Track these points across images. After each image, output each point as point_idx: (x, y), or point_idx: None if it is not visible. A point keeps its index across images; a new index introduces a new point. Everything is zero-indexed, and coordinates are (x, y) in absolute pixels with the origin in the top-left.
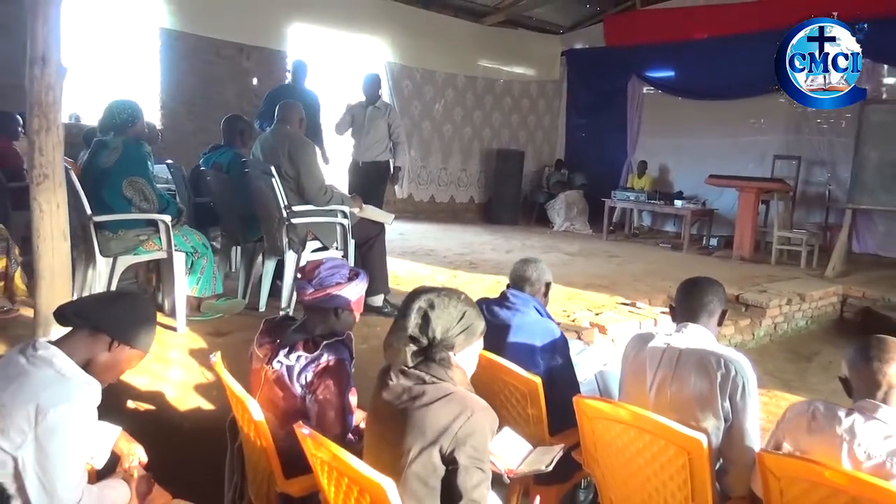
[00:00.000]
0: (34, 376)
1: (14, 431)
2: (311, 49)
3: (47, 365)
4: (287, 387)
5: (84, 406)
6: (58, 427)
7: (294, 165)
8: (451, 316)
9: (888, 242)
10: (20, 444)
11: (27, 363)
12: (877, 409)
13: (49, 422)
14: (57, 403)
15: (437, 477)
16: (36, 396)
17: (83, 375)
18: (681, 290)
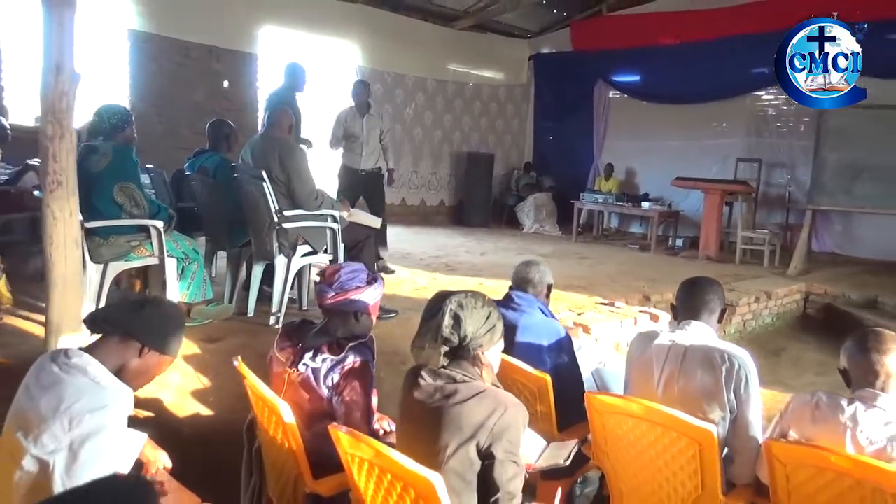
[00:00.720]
0: (69, 384)
1: (47, 438)
2: (282, 52)
3: (81, 373)
4: (313, 389)
5: (118, 414)
6: (91, 434)
7: (285, 170)
8: (479, 316)
9: (845, 241)
10: (52, 450)
11: (61, 371)
12: (876, 398)
13: (83, 429)
14: (92, 411)
15: (473, 471)
16: (71, 403)
17: (117, 383)
18: (682, 290)
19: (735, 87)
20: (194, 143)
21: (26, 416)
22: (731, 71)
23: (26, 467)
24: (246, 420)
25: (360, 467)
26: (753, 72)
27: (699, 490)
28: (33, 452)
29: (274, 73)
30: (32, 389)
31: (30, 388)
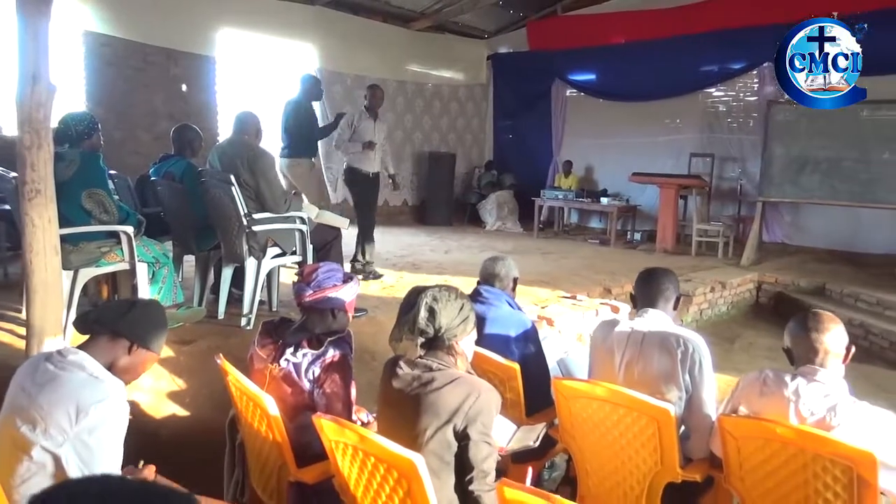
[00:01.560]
0: (68, 379)
1: (55, 430)
2: (240, 55)
3: (79, 368)
4: (295, 382)
5: (120, 404)
6: (98, 424)
7: (254, 175)
8: (453, 308)
9: (794, 232)
10: (61, 442)
11: (56, 368)
12: (816, 373)
13: (91, 419)
14: (96, 402)
15: (451, 452)
16: (74, 397)
17: (112, 377)
18: (639, 280)
19: (687, 85)
20: (153, 148)
21: (27, 411)
22: (682, 69)
23: (36, 458)
24: (227, 418)
25: (343, 453)
26: (703, 69)
27: (659, 465)
28: (43, 444)
29: (232, 77)
30: (29, 387)
31: (25, 386)
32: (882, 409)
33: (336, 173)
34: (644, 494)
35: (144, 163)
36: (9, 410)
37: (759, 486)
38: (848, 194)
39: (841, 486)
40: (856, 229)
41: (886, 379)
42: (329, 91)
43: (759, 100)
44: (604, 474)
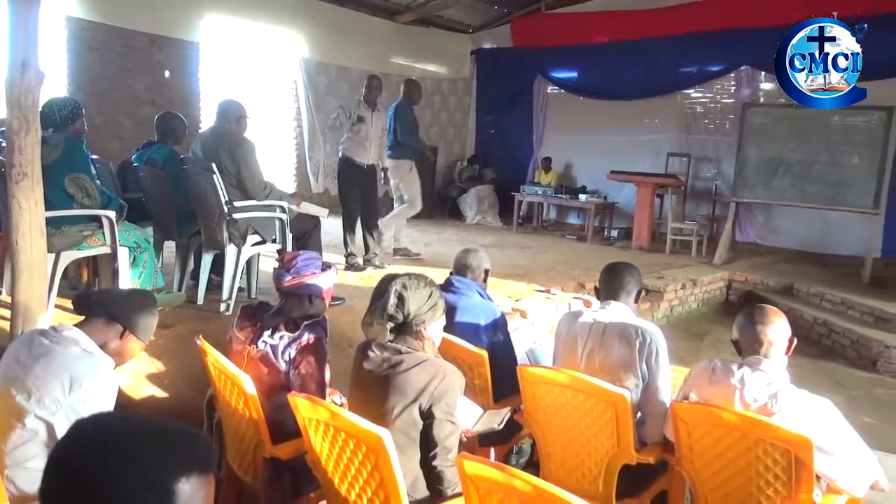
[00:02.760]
0: (62, 353)
1: (49, 399)
2: (225, 41)
3: (73, 343)
4: (272, 363)
5: (111, 378)
6: (91, 396)
7: (235, 163)
8: (422, 295)
9: (766, 232)
10: (55, 411)
11: (51, 342)
12: (760, 363)
13: (84, 391)
14: (89, 374)
15: (416, 430)
16: (68, 369)
17: (104, 354)
18: (603, 273)
19: (666, 85)
20: (135, 133)
21: (23, 381)
22: (662, 69)
23: (29, 425)
24: (205, 398)
25: (316, 429)
26: (682, 71)
27: (615, 448)
28: (37, 413)
29: (216, 64)
30: (24, 359)
31: (21, 358)
32: (818, 397)
33: (317, 164)
34: (601, 476)
35: (126, 148)
36: (3, 381)
37: (708, 468)
38: (818, 197)
39: (780, 468)
40: (825, 231)
41: (846, 376)
42: (313, 81)
43: (735, 102)
44: (564, 456)
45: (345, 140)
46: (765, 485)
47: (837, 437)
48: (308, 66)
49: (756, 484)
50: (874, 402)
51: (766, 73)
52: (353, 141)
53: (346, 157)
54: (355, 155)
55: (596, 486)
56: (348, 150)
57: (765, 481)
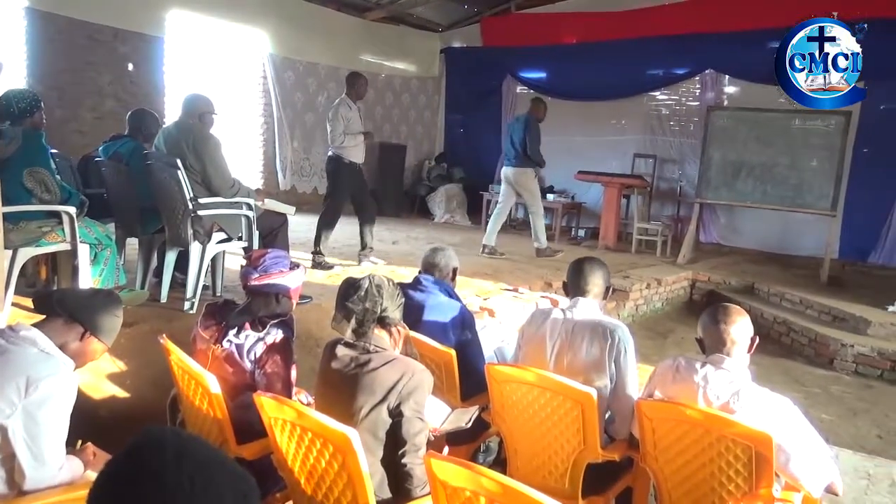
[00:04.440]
0: (19, 353)
1: (3, 402)
2: (190, 36)
3: (30, 344)
4: (237, 363)
5: (69, 380)
6: (47, 398)
7: (200, 159)
8: (391, 294)
9: (728, 233)
10: (9, 414)
11: (8, 343)
12: (723, 361)
13: (40, 393)
14: (46, 376)
15: (384, 429)
16: (25, 370)
17: (63, 355)
18: (571, 270)
19: (633, 87)
20: (97, 127)
21: None
22: (629, 72)
23: None
24: (168, 398)
25: (282, 429)
26: (649, 73)
27: (582, 446)
28: None
29: (182, 59)
30: None
31: None
32: (779, 395)
33: (285, 160)
34: (567, 473)
35: (88, 142)
36: None
37: (671, 464)
38: (778, 199)
39: (741, 464)
40: (785, 232)
41: (804, 374)
42: (280, 77)
43: (700, 105)
44: (531, 454)
45: (344, 139)
46: (726, 480)
47: (796, 435)
48: (275, 62)
49: (718, 479)
50: (830, 398)
51: (729, 77)
52: (351, 139)
53: (347, 157)
54: (352, 155)
55: (562, 484)
56: (346, 149)
57: (726, 477)
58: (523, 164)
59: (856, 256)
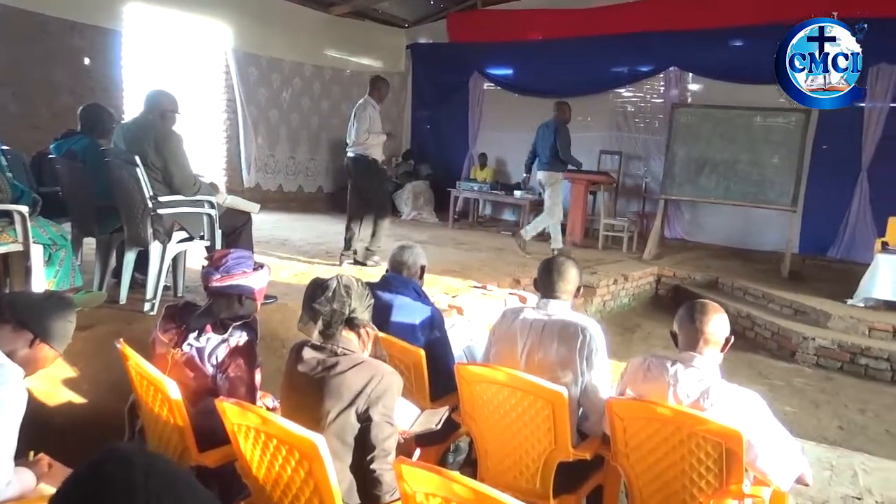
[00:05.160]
0: None
1: None
2: (150, 30)
3: None
4: (198, 367)
5: (18, 389)
6: None
7: (161, 156)
8: (360, 295)
9: (692, 228)
10: None
11: None
12: (693, 359)
13: None
14: None
15: (352, 434)
16: None
17: (11, 362)
18: (542, 269)
19: (598, 84)
20: (52, 123)
21: None
22: (594, 68)
23: None
24: (126, 403)
25: (246, 436)
26: (614, 70)
27: (552, 445)
28: None
29: (141, 53)
30: None
31: None
32: (747, 391)
33: (250, 157)
34: (538, 473)
35: (42, 139)
36: None
37: (642, 462)
38: (741, 195)
39: (712, 461)
40: (747, 227)
41: (767, 367)
42: (243, 73)
43: (664, 102)
44: (502, 454)
45: (366, 138)
46: (697, 477)
47: (765, 430)
48: (238, 57)
49: (689, 477)
50: (793, 391)
51: (693, 75)
52: (375, 138)
53: (372, 155)
54: (376, 153)
55: (533, 484)
56: (371, 147)
57: (697, 474)
58: (555, 167)
59: (815, 251)
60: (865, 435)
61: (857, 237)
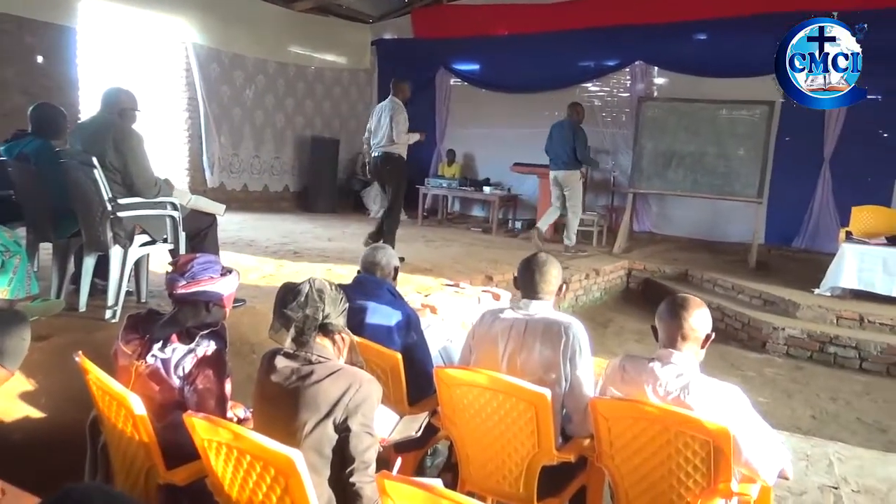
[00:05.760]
0: None
1: None
2: (106, 26)
3: None
4: (164, 380)
5: None
6: None
7: (120, 156)
8: (334, 299)
9: (661, 221)
10: None
11: None
12: (671, 356)
13: None
14: None
15: (330, 445)
16: None
17: None
18: (523, 268)
19: (565, 79)
20: (5, 125)
21: None
22: (561, 63)
23: None
24: (88, 418)
25: (217, 452)
26: (580, 65)
27: (536, 448)
28: None
29: (97, 50)
30: None
31: None
32: (727, 384)
33: (213, 157)
34: (522, 477)
35: None
36: None
37: (628, 462)
38: (708, 187)
39: (699, 460)
40: (714, 220)
41: (739, 358)
42: (205, 70)
43: (630, 96)
44: (484, 459)
45: (407, 139)
46: (685, 477)
47: (749, 425)
48: (199, 54)
49: (676, 476)
50: (765, 381)
51: (658, 68)
52: (405, 137)
53: (402, 154)
54: (404, 152)
55: (517, 488)
56: (402, 147)
57: (685, 473)
58: (573, 167)
59: (780, 241)
60: (838, 423)
61: (821, 227)
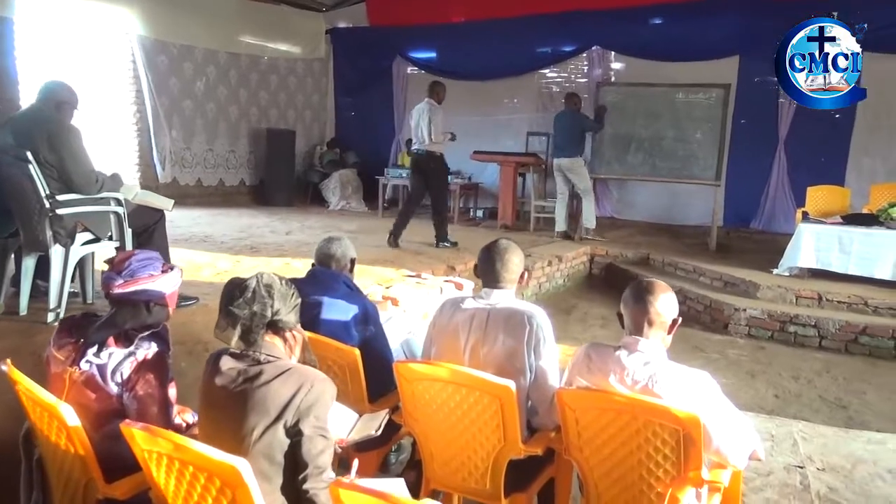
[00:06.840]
0: None
1: None
2: (46, 17)
3: None
4: (100, 387)
5: None
6: None
7: (55, 152)
8: (284, 295)
9: (621, 207)
10: None
11: None
12: (637, 343)
13: None
14: None
15: (282, 451)
16: None
17: None
18: (483, 257)
19: (523, 65)
20: None
21: None
22: (518, 49)
23: None
24: (21, 431)
25: (158, 463)
26: (538, 51)
27: (502, 442)
28: None
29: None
30: None
31: None
32: (696, 371)
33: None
34: (488, 472)
35: None
36: None
37: (597, 454)
38: (667, 171)
39: (669, 449)
40: (673, 203)
41: (702, 340)
42: (152, 62)
43: (588, 81)
44: (448, 455)
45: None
46: (655, 466)
47: (719, 411)
48: (145, 45)
49: (646, 466)
50: (729, 363)
51: (615, 53)
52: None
53: (436, 153)
54: (440, 150)
55: (483, 484)
56: (439, 145)
57: (655, 463)
58: (577, 153)
59: (738, 223)
60: (800, 402)
61: (777, 209)
